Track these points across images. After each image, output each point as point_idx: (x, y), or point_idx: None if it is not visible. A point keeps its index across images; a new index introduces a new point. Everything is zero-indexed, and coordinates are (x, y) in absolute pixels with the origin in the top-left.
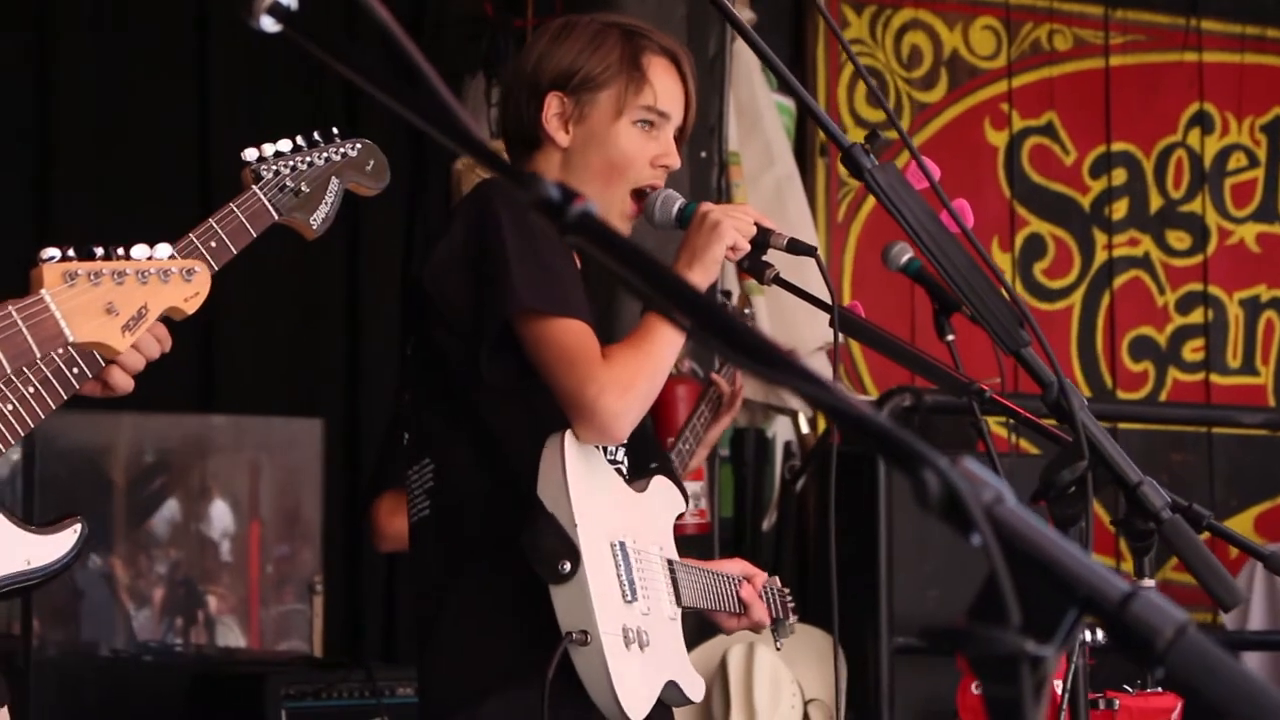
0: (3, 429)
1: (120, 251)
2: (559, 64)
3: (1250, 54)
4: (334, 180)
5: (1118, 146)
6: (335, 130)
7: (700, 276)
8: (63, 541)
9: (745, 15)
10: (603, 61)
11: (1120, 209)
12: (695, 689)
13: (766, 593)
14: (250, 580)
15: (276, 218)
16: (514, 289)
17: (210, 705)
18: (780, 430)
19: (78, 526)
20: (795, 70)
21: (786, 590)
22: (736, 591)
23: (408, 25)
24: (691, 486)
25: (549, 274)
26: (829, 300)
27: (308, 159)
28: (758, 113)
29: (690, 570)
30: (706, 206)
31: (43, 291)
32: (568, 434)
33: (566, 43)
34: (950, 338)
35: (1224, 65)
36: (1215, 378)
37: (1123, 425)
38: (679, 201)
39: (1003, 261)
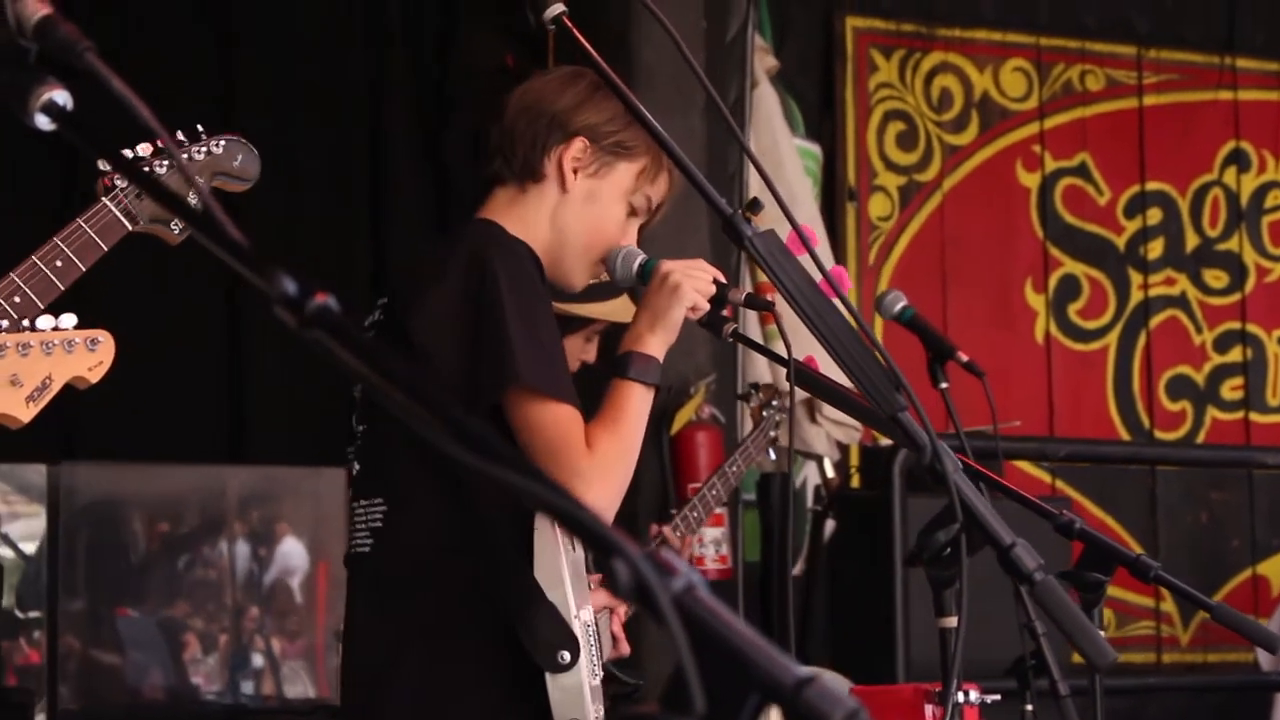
0: None
1: (25, 323)
2: (598, 116)
3: None
4: (198, 179)
5: (1152, 186)
6: (200, 128)
7: (660, 339)
8: None
9: (768, 62)
10: (637, 137)
11: (1156, 248)
12: None
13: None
14: (317, 625)
15: (131, 228)
16: (515, 363)
17: None
18: (809, 475)
19: None
20: (825, 114)
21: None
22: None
23: (432, 78)
24: (711, 532)
25: (545, 353)
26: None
27: (167, 162)
28: (779, 159)
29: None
30: (666, 267)
31: None
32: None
33: (608, 102)
34: (944, 385)
35: (1260, 103)
36: (1255, 416)
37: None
38: (639, 258)
39: (1036, 303)
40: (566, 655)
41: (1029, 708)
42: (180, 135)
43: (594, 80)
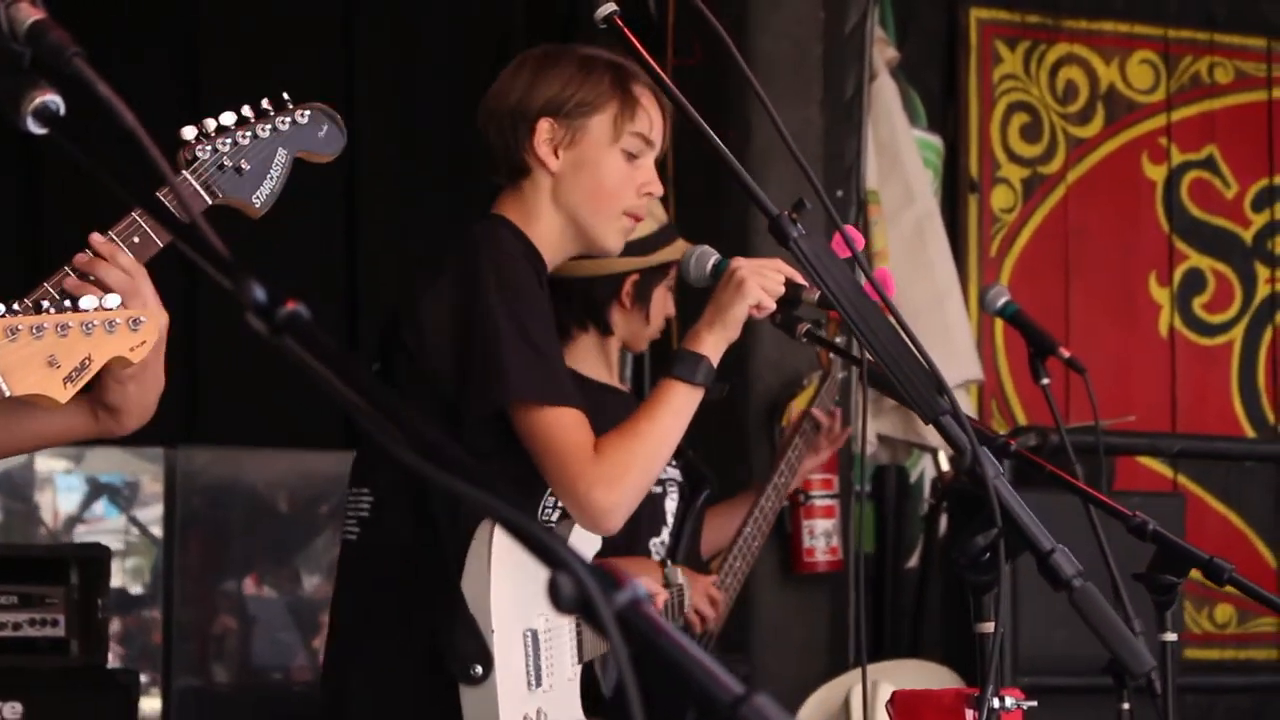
0: None
1: (67, 303)
2: (548, 91)
3: None
4: (281, 152)
5: None
6: (286, 96)
7: (719, 335)
8: None
9: (888, 54)
10: (595, 88)
11: None
12: None
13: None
14: None
15: (210, 202)
16: (506, 379)
17: None
18: (926, 467)
19: None
20: (947, 105)
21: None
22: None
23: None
24: (823, 524)
25: (539, 358)
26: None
27: (251, 132)
28: (897, 151)
29: None
30: (737, 263)
31: None
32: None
33: (554, 71)
34: (1045, 381)
35: None
36: None
37: None
38: (713, 258)
39: (1161, 296)
40: (479, 669)
41: (1126, 706)
42: (265, 104)
43: (536, 59)
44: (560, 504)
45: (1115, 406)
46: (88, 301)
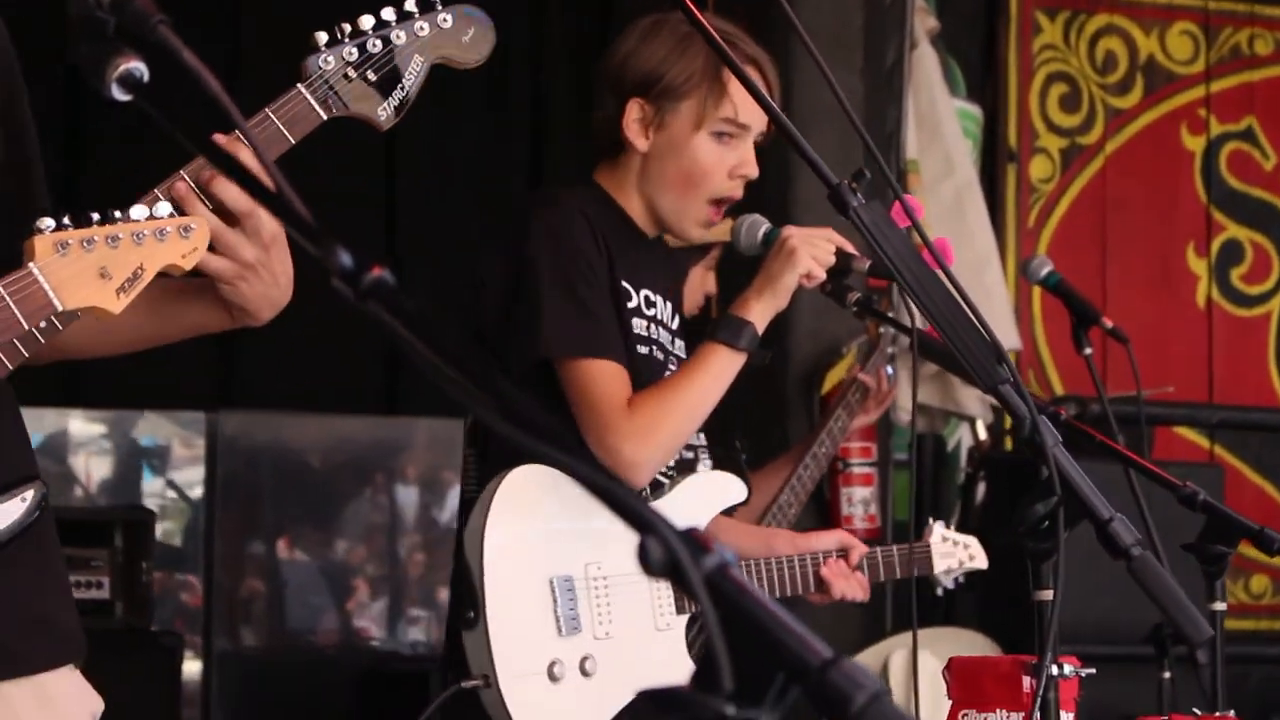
0: None
1: (117, 214)
2: (643, 68)
3: None
4: (417, 58)
5: None
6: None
7: (767, 303)
8: (10, 511)
9: (929, 24)
10: (686, 70)
11: None
12: None
13: (869, 564)
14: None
15: (325, 117)
16: (544, 331)
17: (378, 699)
18: (964, 436)
19: (29, 494)
20: (986, 75)
21: (906, 547)
22: (815, 570)
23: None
24: (860, 492)
25: (580, 312)
26: (909, 324)
27: (385, 36)
28: (938, 120)
29: None
30: (788, 232)
31: (30, 265)
32: (513, 474)
33: (653, 44)
34: (1088, 351)
35: None
36: None
37: None
38: (764, 227)
39: (1198, 267)
40: (471, 614)
41: (1167, 675)
42: (410, 4)
43: (641, 29)
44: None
45: (1152, 377)
46: (138, 211)
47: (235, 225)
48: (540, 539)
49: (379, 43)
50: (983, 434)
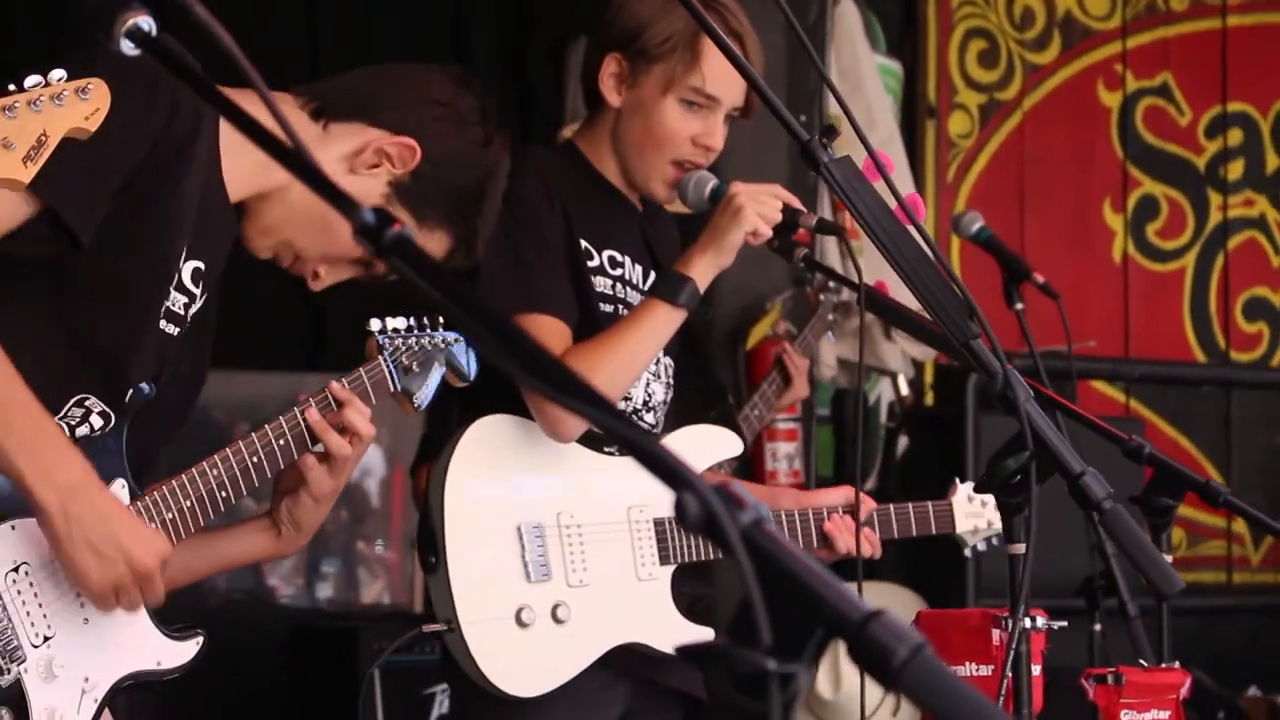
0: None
1: (10, 86)
2: (626, 25)
3: None
4: (437, 366)
5: (1234, 107)
6: (441, 319)
7: (711, 260)
8: (187, 650)
9: None
10: (663, 33)
11: (1236, 170)
12: (671, 642)
13: (880, 519)
14: (393, 530)
15: (392, 390)
16: (483, 287)
17: (305, 658)
18: (884, 392)
19: (200, 639)
20: (906, 31)
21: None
22: (818, 526)
23: None
24: (784, 447)
25: (518, 267)
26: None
27: (420, 341)
28: (860, 76)
29: None
30: (735, 189)
31: None
32: (479, 423)
33: (641, 3)
34: (1019, 306)
35: None
36: None
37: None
38: (711, 183)
39: (1115, 223)
40: (432, 559)
41: (1097, 628)
42: (424, 319)
43: None
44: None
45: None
46: (31, 80)
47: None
48: (506, 488)
49: (419, 344)
50: (904, 389)
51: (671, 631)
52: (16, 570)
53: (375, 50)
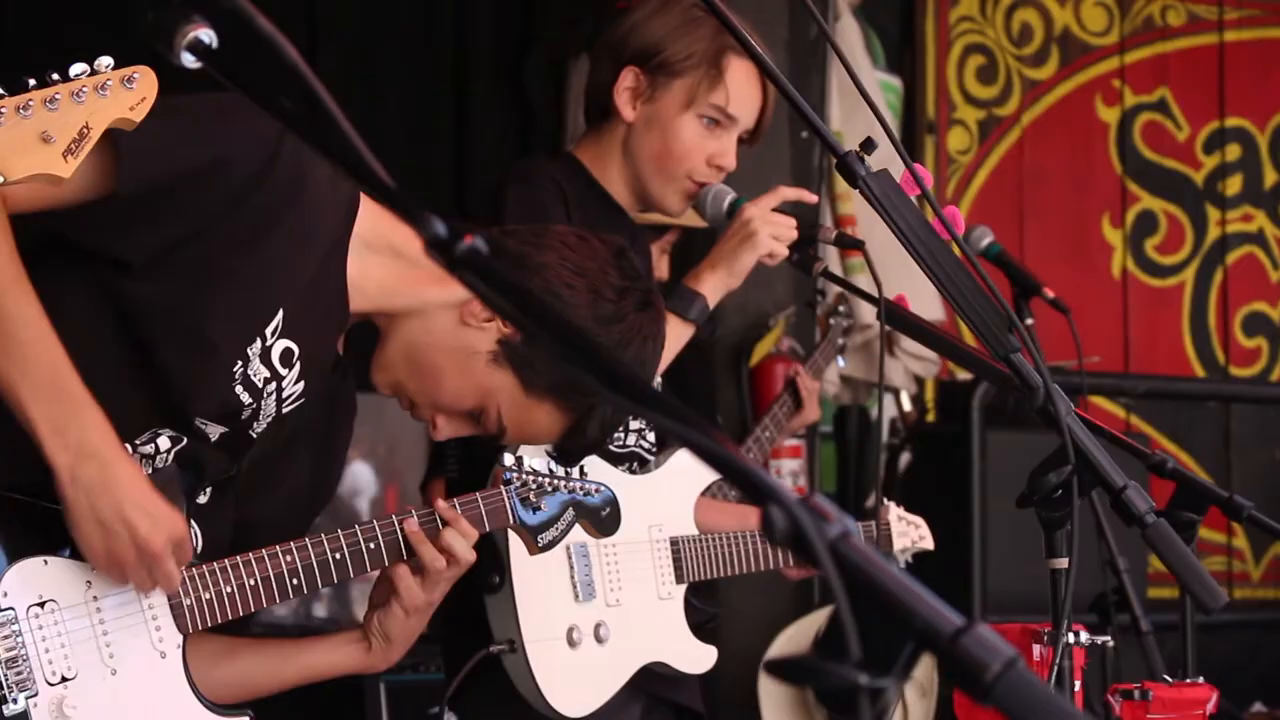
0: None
1: (54, 76)
2: (646, 39)
3: None
4: (569, 512)
5: (1232, 122)
6: (585, 469)
7: (720, 280)
8: None
9: None
10: (687, 49)
11: (1234, 185)
12: (692, 663)
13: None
14: None
15: (511, 523)
16: None
17: None
18: (887, 407)
19: (248, 716)
20: (905, 47)
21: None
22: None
23: (516, 10)
24: (789, 464)
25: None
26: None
27: (554, 484)
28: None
29: (708, 541)
30: (749, 213)
31: None
32: None
33: (661, 19)
34: (1029, 321)
35: None
36: None
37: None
38: (729, 197)
39: (1114, 238)
40: (496, 578)
41: (1110, 643)
42: (563, 468)
43: (655, 3)
44: None
45: (1070, 347)
46: (76, 68)
47: (417, 574)
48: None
49: (552, 486)
50: (907, 405)
51: (685, 650)
52: (42, 605)
53: (375, 70)
